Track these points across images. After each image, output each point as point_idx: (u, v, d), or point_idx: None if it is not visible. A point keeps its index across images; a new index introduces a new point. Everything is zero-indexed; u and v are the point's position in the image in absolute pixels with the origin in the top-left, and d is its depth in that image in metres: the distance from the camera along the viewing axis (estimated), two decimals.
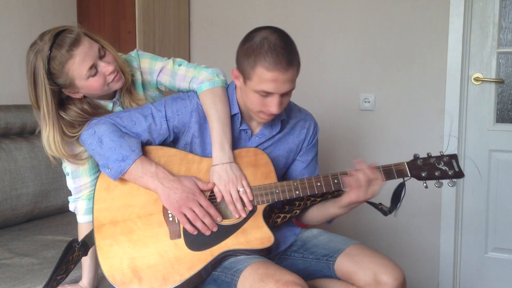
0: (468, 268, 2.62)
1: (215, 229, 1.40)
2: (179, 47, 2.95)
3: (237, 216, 1.44)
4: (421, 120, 2.60)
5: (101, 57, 1.48)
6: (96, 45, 1.48)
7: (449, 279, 2.60)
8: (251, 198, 1.44)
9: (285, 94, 1.42)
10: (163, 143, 1.52)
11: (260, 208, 1.45)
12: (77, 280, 1.61)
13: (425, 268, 2.65)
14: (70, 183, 1.61)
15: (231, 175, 1.42)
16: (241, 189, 1.43)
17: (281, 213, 1.56)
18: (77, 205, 1.60)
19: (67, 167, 1.60)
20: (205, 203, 1.40)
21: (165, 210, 1.42)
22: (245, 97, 1.46)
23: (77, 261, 1.51)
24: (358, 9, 2.67)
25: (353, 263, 1.43)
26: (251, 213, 1.45)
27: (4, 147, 2.13)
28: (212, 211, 1.40)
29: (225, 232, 1.42)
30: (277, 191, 1.46)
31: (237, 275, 1.32)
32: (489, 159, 2.54)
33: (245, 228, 1.43)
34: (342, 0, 2.70)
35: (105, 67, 1.47)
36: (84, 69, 1.44)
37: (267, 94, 1.38)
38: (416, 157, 1.48)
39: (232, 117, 1.51)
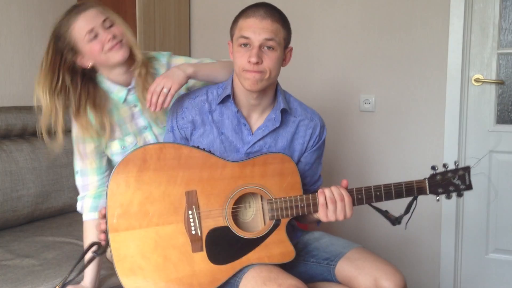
0: (469, 269, 2.62)
1: None
2: (179, 47, 2.95)
3: (148, 105, 1.49)
4: (421, 121, 2.60)
5: (105, 27, 1.55)
6: (103, 16, 1.55)
7: (449, 280, 2.61)
8: (165, 105, 1.49)
9: (267, 50, 1.43)
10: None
11: (284, 222, 1.42)
12: (78, 281, 1.61)
13: (426, 270, 2.66)
14: (78, 181, 1.66)
15: (170, 74, 1.49)
16: (165, 90, 1.47)
17: None
18: (84, 203, 1.64)
19: (77, 165, 1.66)
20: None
21: (187, 222, 1.35)
22: (234, 65, 1.48)
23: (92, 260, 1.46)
24: (358, 10, 2.67)
25: (353, 268, 1.43)
26: (274, 227, 1.41)
27: (5, 148, 2.13)
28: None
29: (247, 245, 1.38)
30: (302, 205, 1.42)
31: (239, 277, 1.32)
32: (489, 160, 2.54)
33: (268, 243, 1.40)
34: (342, 1, 2.70)
35: (104, 34, 1.54)
36: (83, 31, 1.52)
37: (247, 43, 1.42)
38: (434, 171, 1.49)
39: (226, 99, 1.54)
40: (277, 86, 1.57)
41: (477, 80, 2.52)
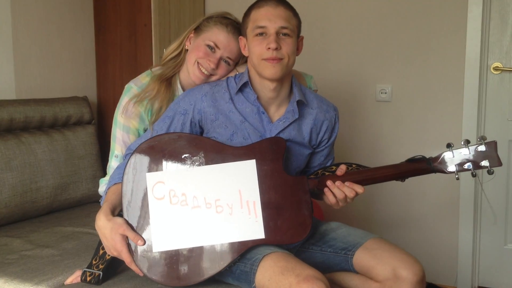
0: (487, 260, 2.60)
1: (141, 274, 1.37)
2: None
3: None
4: (439, 110, 2.57)
5: (222, 58, 1.66)
6: (231, 54, 1.66)
7: (467, 271, 2.58)
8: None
9: (283, 36, 1.45)
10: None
11: None
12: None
13: (444, 260, 2.64)
14: (114, 164, 1.69)
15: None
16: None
17: None
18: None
19: (117, 149, 1.70)
20: (127, 259, 1.37)
21: None
22: (251, 56, 1.49)
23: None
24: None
25: (372, 257, 1.42)
26: None
27: (24, 140, 2.16)
28: (133, 267, 1.37)
29: None
30: None
31: (256, 264, 1.32)
32: (508, 149, 2.50)
33: None
34: None
35: (215, 59, 1.65)
36: (213, 38, 1.66)
37: (263, 32, 1.44)
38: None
39: (243, 88, 1.53)
40: (292, 78, 1.56)
41: (496, 69, 2.48)
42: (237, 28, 1.67)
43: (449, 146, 1.42)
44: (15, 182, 2.06)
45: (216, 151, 1.41)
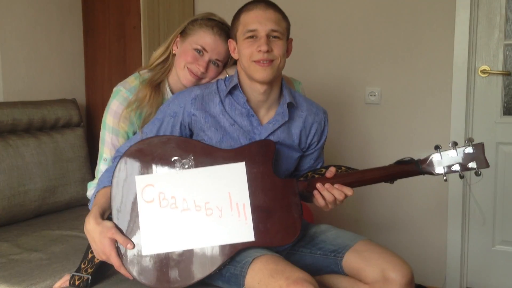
0: (475, 261, 2.62)
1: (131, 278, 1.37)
2: None
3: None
4: (427, 113, 2.59)
5: (211, 60, 1.65)
6: (221, 57, 1.66)
7: (456, 272, 2.60)
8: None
9: (273, 38, 1.45)
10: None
11: None
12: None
13: (432, 262, 2.65)
14: (103, 167, 1.68)
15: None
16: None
17: None
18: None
19: (105, 152, 1.70)
20: (116, 263, 1.36)
21: None
22: (241, 59, 1.49)
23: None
24: (364, 2, 2.65)
25: (361, 260, 1.43)
26: None
27: (12, 143, 2.14)
28: (122, 271, 1.36)
29: None
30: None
31: (246, 267, 1.32)
32: (496, 151, 2.53)
33: None
34: None
35: (204, 62, 1.64)
36: (201, 42, 1.64)
37: (253, 35, 1.45)
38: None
39: (233, 91, 1.52)
40: (282, 81, 1.57)
41: (483, 72, 2.51)
42: (223, 29, 1.66)
43: (437, 148, 1.43)
44: (3, 185, 2.04)
45: (205, 154, 1.41)
